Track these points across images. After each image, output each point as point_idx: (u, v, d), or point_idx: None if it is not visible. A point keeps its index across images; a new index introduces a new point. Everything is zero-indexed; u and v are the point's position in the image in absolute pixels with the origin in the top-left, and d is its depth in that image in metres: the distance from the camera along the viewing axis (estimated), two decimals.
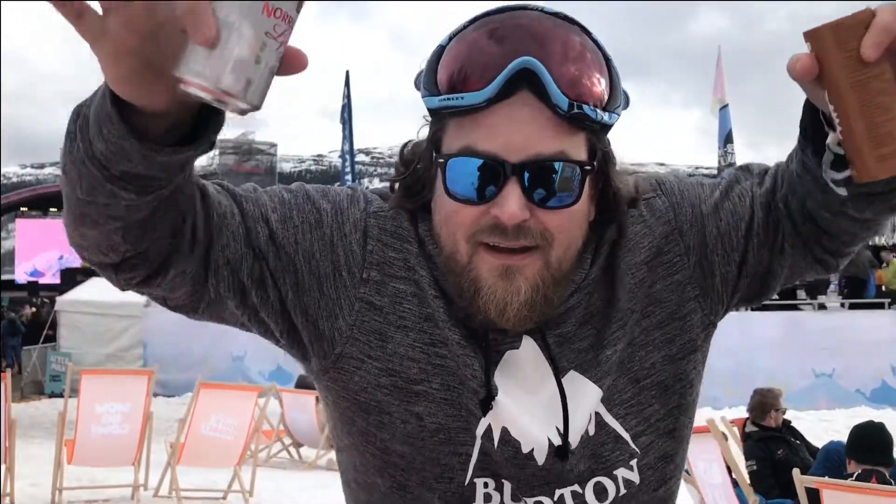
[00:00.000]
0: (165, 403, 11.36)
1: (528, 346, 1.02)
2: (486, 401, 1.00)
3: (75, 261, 28.00)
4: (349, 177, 17.10)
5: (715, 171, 14.59)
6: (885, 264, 15.79)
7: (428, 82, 0.97)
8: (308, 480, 7.66)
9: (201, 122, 0.80)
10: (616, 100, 0.96)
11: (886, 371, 12.14)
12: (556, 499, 1.03)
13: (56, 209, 30.55)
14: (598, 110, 0.93)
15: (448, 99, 0.93)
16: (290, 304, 1.01)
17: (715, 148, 14.31)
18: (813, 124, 0.92)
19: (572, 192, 0.94)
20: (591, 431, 1.03)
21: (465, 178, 0.93)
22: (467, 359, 1.01)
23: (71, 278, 20.94)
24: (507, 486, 1.03)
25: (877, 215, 0.97)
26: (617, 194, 1.01)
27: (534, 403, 1.02)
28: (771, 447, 5.30)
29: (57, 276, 25.66)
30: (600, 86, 0.94)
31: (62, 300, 15.83)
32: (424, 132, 1.03)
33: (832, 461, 4.92)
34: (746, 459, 4.96)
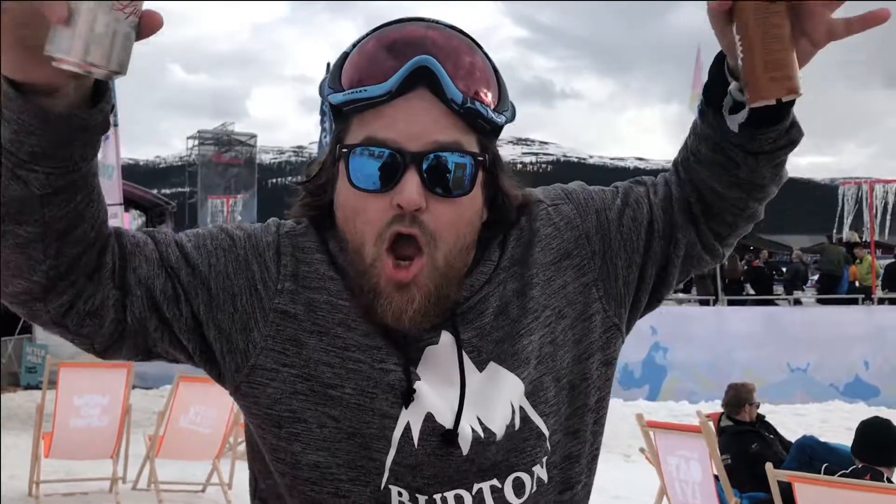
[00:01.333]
0: (143, 395, 11.30)
1: (446, 340, 1.06)
2: (408, 392, 1.03)
3: None
4: None
5: None
6: (858, 260, 16.00)
7: (333, 82, 1.04)
8: None
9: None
10: (504, 104, 1.05)
11: (859, 366, 12.31)
12: (474, 492, 1.05)
13: None
14: (489, 110, 1.02)
15: (352, 93, 1.00)
16: (203, 318, 1.05)
17: None
18: (717, 83, 1.05)
19: (465, 183, 1.01)
20: (517, 426, 1.06)
21: (368, 168, 0.99)
22: (384, 359, 1.04)
23: None
24: (422, 498, 1.04)
25: (764, 179, 1.10)
26: (507, 196, 1.09)
27: (454, 395, 1.05)
28: (745, 441, 5.37)
29: None
30: (490, 90, 1.03)
31: None
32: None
33: (804, 455, 4.99)
34: (721, 453, 5.03)
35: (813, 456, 4.96)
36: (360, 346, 1.05)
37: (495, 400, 1.06)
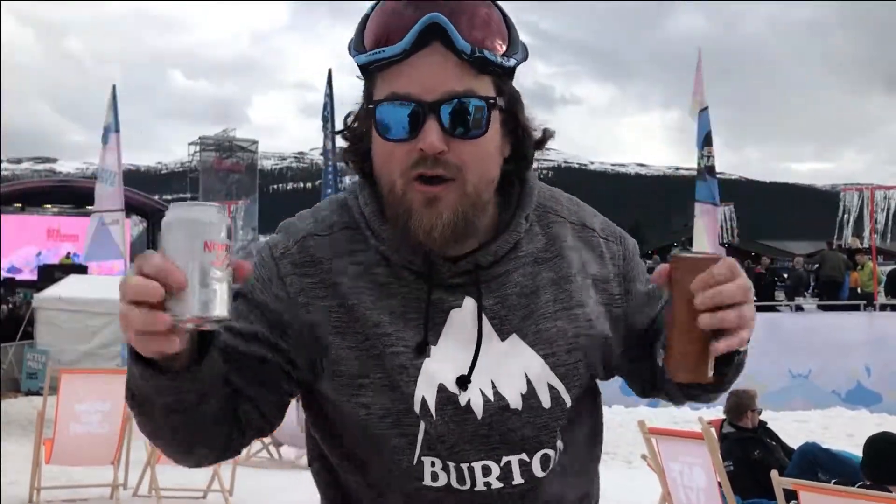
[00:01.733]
0: None
1: (469, 305, 1.16)
2: (422, 345, 1.13)
3: (53, 257, 27.76)
4: (331, 175, 17.06)
5: (695, 172, 14.66)
6: (859, 267, 15.99)
7: (357, 44, 1.13)
8: (288, 480, 7.64)
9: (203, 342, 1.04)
10: (514, 48, 1.13)
11: (861, 372, 12.29)
12: (502, 465, 1.14)
13: (33, 206, 30.25)
14: (498, 56, 1.10)
15: (373, 54, 1.09)
16: (290, 356, 1.19)
17: (694, 148, 14.38)
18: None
19: (481, 124, 1.09)
20: (546, 403, 1.16)
21: (392, 120, 1.09)
22: (394, 343, 1.14)
23: (49, 275, 20.77)
24: (451, 465, 1.14)
25: (706, 399, 1.29)
26: (526, 131, 1.18)
27: (469, 360, 1.15)
28: (747, 448, 5.36)
29: (34, 272, 25.43)
30: (499, 36, 1.11)
31: (39, 297, 15.68)
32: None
33: (807, 462, 4.97)
34: (724, 460, 5.02)
35: (815, 462, 4.95)
36: (375, 335, 1.14)
37: (512, 370, 1.15)
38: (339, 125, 1.23)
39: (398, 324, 1.14)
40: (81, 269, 21.40)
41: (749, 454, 5.30)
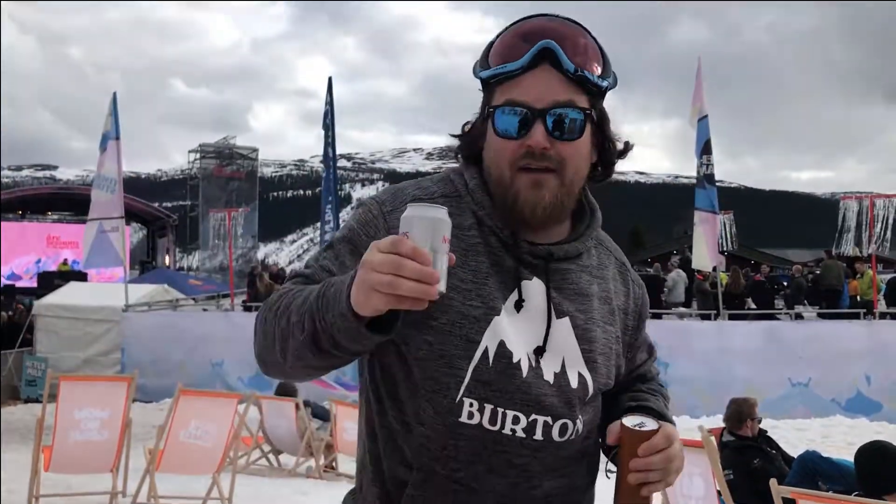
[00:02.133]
0: (142, 409, 11.29)
1: (537, 283, 1.39)
2: (497, 305, 1.36)
3: (52, 264, 27.74)
4: (331, 182, 17.07)
5: (694, 181, 14.67)
6: (859, 275, 15.99)
7: (482, 62, 1.39)
8: (287, 487, 7.64)
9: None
10: (607, 72, 1.39)
11: (861, 380, 12.28)
12: (529, 419, 1.36)
13: (33, 212, 30.24)
14: (595, 76, 1.35)
15: (497, 69, 1.36)
16: None
17: (694, 157, 14.39)
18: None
19: (578, 129, 1.35)
20: (574, 384, 1.39)
21: (508, 122, 1.35)
22: (473, 298, 1.35)
23: (48, 282, 20.76)
24: (488, 407, 1.35)
25: None
26: (612, 143, 1.43)
27: (527, 327, 1.38)
28: (747, 456, 5.35)
29: (34, 279, 25.41)
30: (596, 61, 1.37)
31: (39, 304, 15.68)
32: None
33: (807, 470, 4.96)
34: (724, 469, 5.00)
35: (816, 471, 4.93)
36: (456, 288, 1.34)
37: (555, 349, 1.38)
38: (339, 131, 1.36)
39: (479, 281, 1.36)
40: (81, 277, 21.40)
41: (749, 462, 5.29)
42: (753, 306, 16.26)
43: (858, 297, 15.71)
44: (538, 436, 1.36)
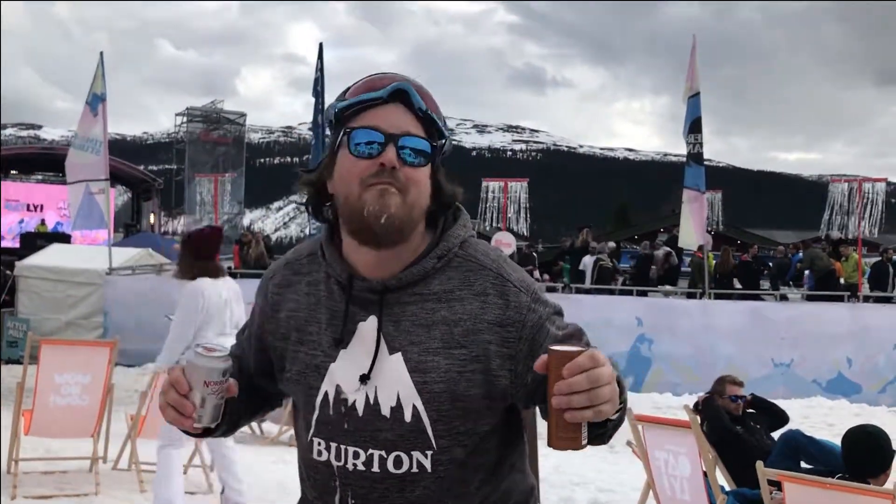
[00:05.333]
0: (124, 374, 11.22)
1: (372, 321, 1.49)
2: (333, 351, 1.51)
3: (35, 225, 27.50)
4: (319, 151, 16.92)
5: (683, 159, 14.65)
6: (843, 258, 16.06)
7: (341, 96, 1.52)
8: (270, 455, 7.63)
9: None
10: (446, 131, 1.54)
11: (842, 362, 12.39)
12: (367, 454, 1.48)
13: (17, 171, 29.92)
14: (438, 122, 1.51)
15: (358, 97, 1.49)
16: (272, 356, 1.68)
17: (684, 135, 14.35)
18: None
19: (423, 157, 1.48)
20: (408, 418, 1.46)
21: (364, 140, 1.46)
22: (314, 349, 1.53)
23: (31, 243, 20.57)
24: (333, 445, 1.50)
25: None
26: (443, 188, 1.53)
27: (357, 366, 1.49)
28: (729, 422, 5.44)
29: (17, 240, 25.18)
30: (439, 115, 1.52)
31: (21, 265, 15.52)
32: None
33: (790, 449, 4.99)
34: (707, 434, 5.02)
35: (798, 450, 4.96)
36: (304, 341, 1.54)
37: (390, 385, 1.47)
38: (328, 99, 1.41)
39: (321, 332, 1.52)
40: (64, 238, 21.20)
41: (731, 428, 5.36)
42: (739, 286, 16.32)
43: (842, 280, 15.79)
44: (375, 468, 1.48)
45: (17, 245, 23.20)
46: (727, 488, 4.85)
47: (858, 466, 4.06)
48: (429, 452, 1.47)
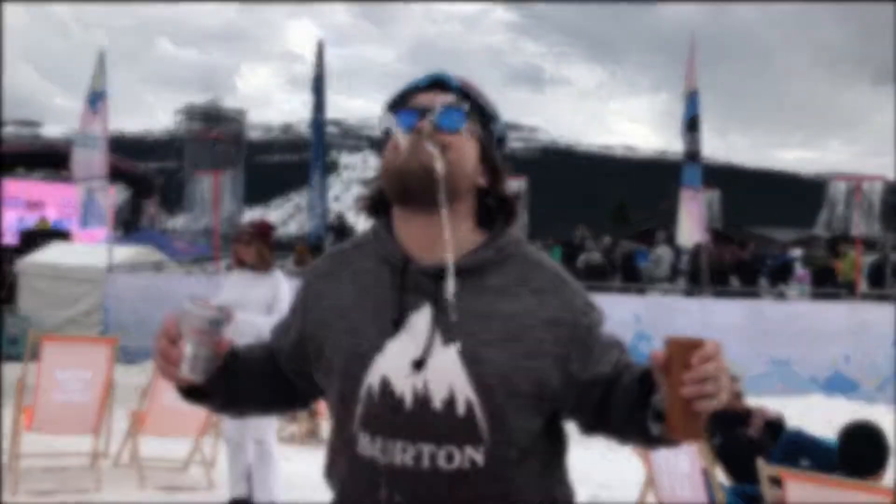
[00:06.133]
0: (125, 371, 11.23)
1: (427, 311, 1.45)
2: (398, 321, 1.46)
3: (34, 222, 27.46)
4: (318, 148, 16.89)
5: (682, 157, 14.66)
6: (841, 256, 16.07)
7: (389, 100, 1.59)
8: None
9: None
10: (495, 112, 1.58)
11: (840, 360, 12.40)
12: (416, 448, 1.42)
13: (17, 166, 29.89)
14: (480, 101, 1.56)
15: (401, 89, 1.58)
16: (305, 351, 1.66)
17: (682, 133, 14.34)
18: (644, 393, 1.42)
19: (457, 122, 1.50)
20: (461, 411, 1.41)
21: (406, 117, 1.51)
22: (360, 340, 1.48)
23: (31, 240, 20.55)
24: (379, 439, 1.44)
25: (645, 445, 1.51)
26: (497, 169, 1.56)
27: (409, 356, 1.43)
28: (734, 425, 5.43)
29: (16, 237, 25.15)
30: (482, 96, 1.57)
31: (22, 262, 15.53)
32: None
33: (791, 448, 5.01)
34: (711, 436, 5.02)
35: (799, 448, 4.98)
36: (349, 331, 1.50)
37: (442, 377, 1.42)
38: (327, 97, 1.46)
39: (367, 320, 1.48)
40: (64, 236, 21.19)
41: (735, 431, 5.36)
42: (736, 283, 16.34)
43: (840, 278, 15.82)
44: (425, 464, 1.42)
45: (17, 242, 23.16)
46: (726, 485, 4.87)
47: (857, 464, 4.08)
48: (482, 448, 1.42)
